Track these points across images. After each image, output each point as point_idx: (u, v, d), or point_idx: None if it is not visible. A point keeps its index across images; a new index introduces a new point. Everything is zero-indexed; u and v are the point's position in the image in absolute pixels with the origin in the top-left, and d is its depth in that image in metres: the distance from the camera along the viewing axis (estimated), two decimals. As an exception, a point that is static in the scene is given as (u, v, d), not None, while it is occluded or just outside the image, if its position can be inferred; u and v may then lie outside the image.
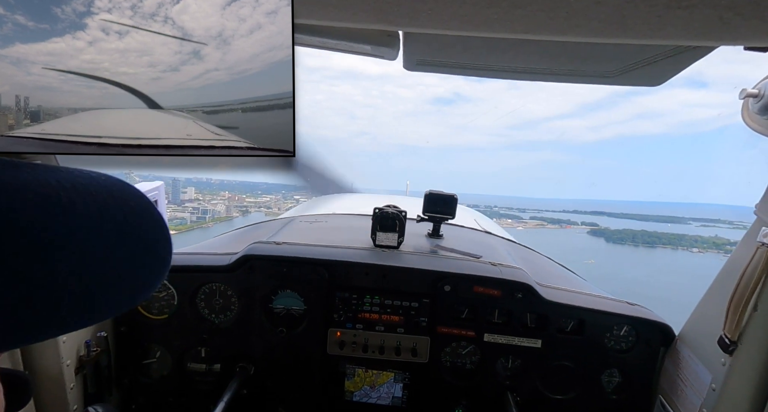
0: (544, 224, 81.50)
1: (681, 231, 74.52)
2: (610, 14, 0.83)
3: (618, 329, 1.95)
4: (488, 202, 70.69)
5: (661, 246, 69.19)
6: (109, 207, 0.43)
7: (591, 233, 77.00)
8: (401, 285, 1.95)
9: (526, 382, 1.98)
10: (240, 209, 68.13)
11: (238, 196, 69.67)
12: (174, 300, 1.98)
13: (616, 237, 73.32)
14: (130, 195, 0.47)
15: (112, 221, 0.43)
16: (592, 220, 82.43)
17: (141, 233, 0.47)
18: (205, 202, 63.78)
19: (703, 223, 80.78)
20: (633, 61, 1.28)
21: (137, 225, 0.47)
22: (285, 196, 72.26)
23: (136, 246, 0.47)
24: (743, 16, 0.78)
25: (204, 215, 62.89)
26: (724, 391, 1.49)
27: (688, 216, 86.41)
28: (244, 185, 67.55)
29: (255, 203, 70.33)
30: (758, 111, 1.32)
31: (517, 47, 1.27)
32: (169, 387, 2.04)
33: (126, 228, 0.45)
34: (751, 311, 1.38)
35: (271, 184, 73.87)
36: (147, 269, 0.49)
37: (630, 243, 71.13)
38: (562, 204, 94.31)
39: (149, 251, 0.49)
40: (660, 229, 75.48)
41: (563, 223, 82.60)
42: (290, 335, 1.97)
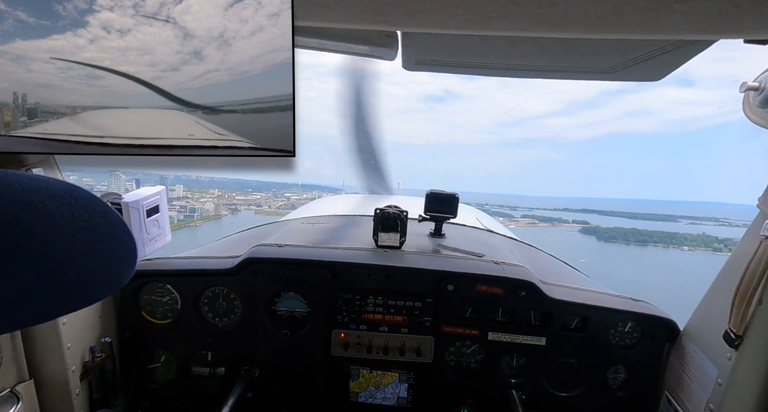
0: (535, 223, 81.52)
1: (671, 229, 74.63)
2: (609, 10, 0.83)
3: (622, 326, 1.95)
4: (480, 200, 70.46)
5: (653, 244, 69.30)
6: (75, 208, 0.50)
7: (582, 231, 76.94)
8: (404, 285, 1.94)
9: (531, 380, 1.97)
10: (229, 207, 67.34)
11: (228, 194, 69.09)
12: (177, 304, 1.98)
13: (607, 235, 73.41)
14: (88, 197, 0.53)
15: (81, 220, 0.50)
16: (583, 218, 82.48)
17: (105, 229, 0.53)
18: (193, 201, 63.05)
19: (691, 220, 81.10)
20: (632, 56, 1.28)
21: (101, 223, 0.53)
22: (275, 194, 71.56)
23: (103, 242, 0.53)
24: (742, 9, 0.78)
25: (192, 214, 61.89)
26: (730, 385, 1.48)
27: (678, 214, 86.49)
28: (235, 183, 66.93)
29: (245, 201, 69.71)
30: (759, 104, 1.32)
31: (516, 45, 1.27)
32: (174, 391, 2.04)
33: (92, 226, 0.51)
34: (756, 304, 1.38)
35: (262, 182, 72.75)
36: (116, 262, 0.55)
37: (621, 241, 71.20)
38: (553, 202, 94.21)
39: (118, 246, 0.55)
40: (650, 227, 75.70)
41: (554, 221, 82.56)
42: (294, 337, 1.97)
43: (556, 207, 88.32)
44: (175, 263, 2.01)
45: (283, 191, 70.30)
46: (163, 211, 1.66)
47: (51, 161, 1.51)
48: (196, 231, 51.59)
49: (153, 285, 1.98)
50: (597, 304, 1.91)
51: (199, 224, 57.69)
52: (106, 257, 0.52)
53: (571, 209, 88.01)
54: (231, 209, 67.18)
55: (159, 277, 1.96)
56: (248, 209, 67.69)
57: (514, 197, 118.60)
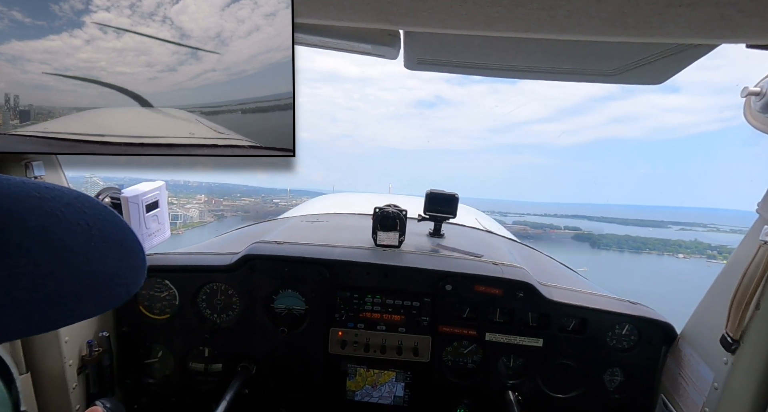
0: (527, 229, 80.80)
1: (661, 235, 74.01)
2: (611, 12, 0.82)
3: (620, 328, 1.95)
4: (470, 206, 69.23)
5: (647, 252, 68.47)
6: (88, 217, 0.50)
7: (575, 237, 76.25)
8: (402, 284, 1.94)
9: (528, 381, 1.98)
10: (215, 214, 65.88)
11: (215, 200, 67.77)
12: (175, 300, 1.98)
13: (601, 242, 72.20)
14: (99, 206, 0.54)
15: (95, 228, 0.51)
16: (574, 224, 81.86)
17: (116, 237, 0.54)
18: (177, 207, 61.57)
19: (681, 226, 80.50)
20: (634, 59, 1.28)
21: (112, 231, 0.53)
22: (264, 200, 70.43)
23: (115, 250, 0.53)
24: (745, 14, 0.78)
25: (175, 221, 59.94)
26: (727, 390, 1.48)
27: (667, 220, 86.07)
28: (223, 188, 65.64)
29: (232, 207, 68.28)
30: (760, 109, 1.31)
31: (518, 46, 1.27)
32: (171, 387, 2.04)
33: (105, 234, 0.52)
34: (754, 309, 1.38)
35: (251, 187, 71.02)
36: (127, 270, 0.55)
37: (615, 248, 70.11)
38: (542, 207, 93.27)
39: (128, 254, 0.55)
40: (642, 233, 75.12)
41: (546, 227, 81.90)
42: (292, 334, 1.97)
43: (546, 212, 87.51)
44: (174, 259, 2.01)
45: (272, 197, 69.35)
46: (163, 206, 1.66)
47: (53, 160, 1.51)
48: (178, 240, 49.81)
49: (151, 280, 1.98)
50: (595, 306, 1.91)
51: (182, 232, 55.95)
52: (118, 264, 0.53)
53: (561, 214, 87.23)
54: (217, 215, 65.81)
55: (158, 272, 1.97)
56: (235, 215, 66.48)
57: (503, 203, 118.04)
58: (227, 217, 65.39)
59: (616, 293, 2.12)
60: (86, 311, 0.51)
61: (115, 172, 1.03)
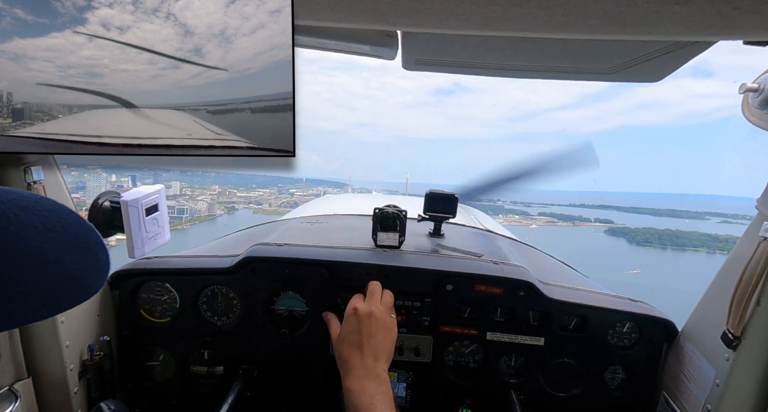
0: (555, 221, 75.17)
1: (703, 229, 67.32)
2: (608, 11, 0.83)
3: (621, 326, 1.95)
4: (490, 196, 66.88)
5: (693, 249, 61.52)
6: (47, 220, 0.51)
7: (609, 232, 69.06)
8: (403, 285, 1.94)
9: (530, 380, 1.98)
10: (225, 206, 63.73)
11: (229, 191, 66.05)
12: (176, 303, 1.98)
13: (639, 238, 64.71)
14: (62, 210, 0.55)
15: (53, 231, 0.51)
16: (604, 215, 75.39)
17: (77, 240, 0.55)
18: (184, 200, 58.89)
19: (724, 219, 72.68)
20: (631, 57, 1.29)
21: (74, 234, 0.54)
22: (280, 190, 68.74)
23: (75, 252, 0.54)
24: (741, 11, 0.79)
25: (180, 215, 56.37)
26: (728, 386, 1.48)
27: (702, 210, 78.39)
28: (239, 179, 64.35)
29: (245, 199, 66.74)
30: (758, 105, 1.32)
31: (516, 45, 1.28)
32: (172, 390, 2.04)
33: (64, 237, 0.53)
34: (754, 305, 1.38)
35: (269, 177, 69.71)
36: (88, 272, 0.56)
37: (657, 245, 62.93)
38: (567, 196, 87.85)
39: (89, 257, 0.56)
40: (680, 226, 67.32)
41: (575, 220, 75.71)
42: (293, 336, 1.97)
43: (572, 202, 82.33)
44: (174, 262, 2.01)
45: (289, 187, 67.78)
46: (162, 209, 1.66)
47: (50, 160, 1.51)
48: (182, 235, 46.53)
49: (152, 284, 1.97)
50: (595, 304, 1.92)
51: (186, 226, 52.87)
52: (77, 266, 0.54)
53: (588, 204, 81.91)
54: (227, 207, 63.76)
55: (158, 275, 1.96)
56: (247, 207, 64.64)
57: (525, 191, 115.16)
58: (238, 209, 63.42)
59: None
60: (38, 313, 0.51)
61: (124, 171, 1.03)
